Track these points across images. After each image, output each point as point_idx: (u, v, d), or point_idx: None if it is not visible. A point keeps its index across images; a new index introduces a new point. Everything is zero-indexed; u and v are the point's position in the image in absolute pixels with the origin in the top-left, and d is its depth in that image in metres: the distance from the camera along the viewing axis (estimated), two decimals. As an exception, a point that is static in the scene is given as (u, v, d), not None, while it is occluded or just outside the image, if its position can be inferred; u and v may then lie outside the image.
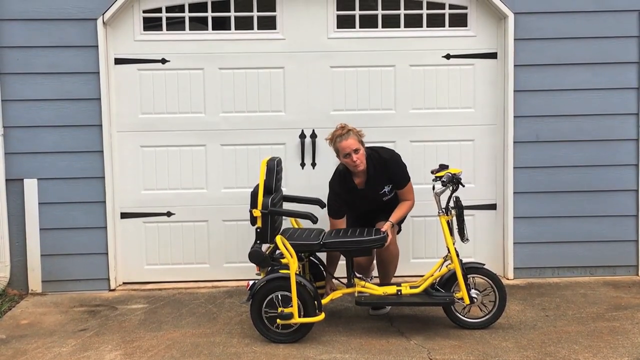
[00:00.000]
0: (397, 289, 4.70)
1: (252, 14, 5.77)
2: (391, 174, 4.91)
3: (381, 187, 4.92)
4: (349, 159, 4.80)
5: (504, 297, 4.76)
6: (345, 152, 4.78)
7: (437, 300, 4.66)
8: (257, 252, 4.56)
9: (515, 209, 5.84)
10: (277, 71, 5.79)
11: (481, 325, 4.75)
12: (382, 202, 4.97)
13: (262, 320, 4.57)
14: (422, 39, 5.81)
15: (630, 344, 4.48)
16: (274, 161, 4.67)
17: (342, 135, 4.80)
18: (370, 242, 4.64)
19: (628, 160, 5.84)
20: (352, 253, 4.71)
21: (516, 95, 5.75)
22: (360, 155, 4.81)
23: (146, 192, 5.84)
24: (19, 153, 5.61)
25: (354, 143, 4.78)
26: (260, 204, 4.54)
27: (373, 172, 4.88)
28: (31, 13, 5.50)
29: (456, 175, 4.67)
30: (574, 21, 5.72)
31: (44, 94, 5.58)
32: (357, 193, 4.93)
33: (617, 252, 5.91)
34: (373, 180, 4.90)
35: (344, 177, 4.93)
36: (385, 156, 4.92)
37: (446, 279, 4.71)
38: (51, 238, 5.67)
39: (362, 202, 4.96)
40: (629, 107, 5.80)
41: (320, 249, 4.67)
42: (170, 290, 5.75)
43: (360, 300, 4.70)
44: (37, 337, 4.78)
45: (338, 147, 4.82)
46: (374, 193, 4.93)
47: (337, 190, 4.93)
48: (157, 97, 5.77)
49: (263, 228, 4.57)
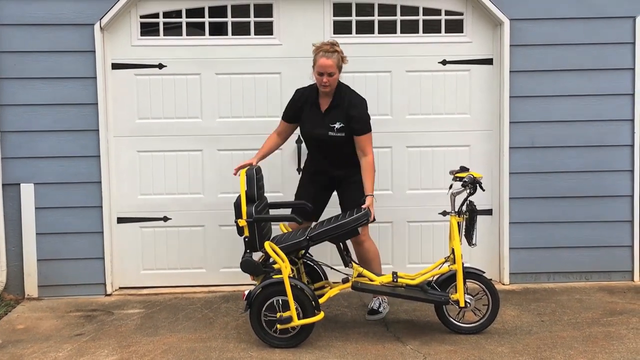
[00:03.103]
0: (394, 273, 4.69)
1: (249, 19, 5.79)
2: (352, 116, 4.85)
3: (334, 121, 4.87)
4: (321, 78, 4.79)
5: (497, 305, 4.77)
6: (320, 71, 4.78)
7: (431, 298, 4.65)
8: (248, 262, 4.56)
9: (511, 214, 5.86)
10: (274, 76, 5.81)
11: (472, 330, 4.76)
12: (327, 139, 4.87)
13: (262, 328, 4.56)
14: (418, 45, 5.84)
15: (626, 349, 4.49)
16: (252, 170, 4.64)
17: (326, 52, 4.78)
18: (355, 221, 4.62)
19: (623, 166, 5.86)
20: (340, 238, 4.68)
21: (512, 101, 5.77)
22: (333, 80, 4.81)
23: (143, 197, 5.85)
24: (16, 158, 5.61)
25: (332, 66, 4.77)
26: (244, 213, 4.53)
27: (336, 103, 4.88)
28: (28, 18, 5.51)
29: (477, 179, 4.64)
30: (569, 28, 5.75)
31: (41, 98, 5.58)
32: (314, 112, 4.91)
33: (612, 258, 5.93)
34: (334, 111, 4.88)
35: (315, 89, 4.95)
36: (357, 99, 4.92)
37: (444, 279, 4.71)
38: (47, 243, 5.67)
39: (312, 127, 4.91)
40: (624, 113, 5.83)
41: (309, 244, 4.65)
42: (167, 295, 5.75)
43: (356, 286, 4.67)
44: (33, 342, 4.77)
45: (318, 61, 4.80)
46: (327, 122, 4.87)
47: (298, 96, 5.02)
48: (154, 102, 5.78)
49: (251, 237, 4.55)
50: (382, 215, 5.92)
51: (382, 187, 5.90)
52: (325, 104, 4.92)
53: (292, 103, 5.04)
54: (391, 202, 5.92)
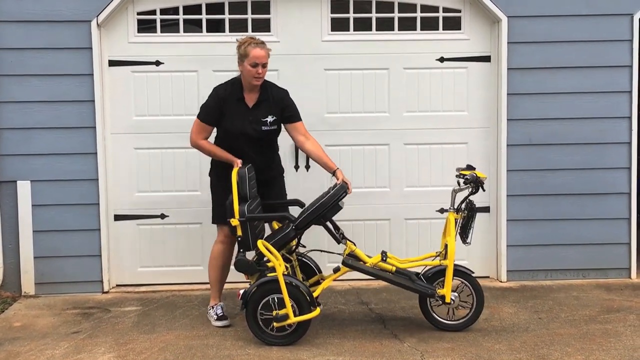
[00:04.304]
0: (383, 252, 4.68)
1: (247, 16, 5.78)
2: (286, 106, 4.83)
3: (266, 115, 4.80)
4: (255, 69, 4.68)
5: (482, 305, 4.78)
6: (256, 62, 4.66)
7: (418, 288, 4.66)
8: (242, 261, 4.55)
9: (509, 211, 5.86)
10: (271, 73, 5.77)
11: (454, 327, 4.77)
12: (260, 134, 4.79)
13: (259, 327, 4.55)
14: (416, 42, 5.83)
15: (623, 347, 4.50)
16: (244, 169, 4.60)
17: (258, 43, 4.71)
18: (335, 196, 4.61)
19: (621, 164, 5.86)
20: (325, 217, 4.64)
21: (509, 98, 5.77)
22: (265, 72, 4.74)
23: (140, 194, 5.84)
24: (12, 155, 5.59)
25: (265, 57, 4.70)
26: (236, 212, 4.51)
27: (265, 97, 4.80)
28: (25, 14, 5.50)
29: (480, 179, 4.65)
30: (567, 25, 5.75)
31: (37, 95, 5.57)
32: (242, 109, 4.77)
33: (609, 255, 5.93)
34: (263, 105, 4.80)
35: (237, 85, 4.81)
36: (281, 89, 4.89)
37: (432, 273, 4.73)
38: (44, 240, 5.66)
39: (243, 123, 4.76)
40: (622, 110, 5.83)
41: (296, 233, 4.64)
42: (164, 292, 5.74)
43: (347, 262, 4.64)
44: (30, 339, 4.76)
45: (250, 52, 4.66)
46: (259, 117, 4.78)
47: (222, 94, 4.78)
48: (151, 99, 5.77)
49: (244, 236, 4.54)
50: (379, 213, 5.93)
51: (380, 184, 5.91)
52: (253, 99, 4.81)
53: (218, 103, 4.78)
54: (389, 200, 5.92)
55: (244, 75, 4.77)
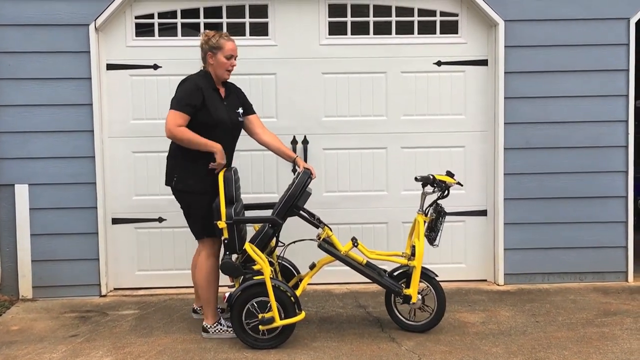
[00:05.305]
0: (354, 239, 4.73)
1: (244, 20, 5.79)
2: (244, 99, 4.88)
3: (237, 107, 4.82)
4: (230, 61, 4.68)
5: (443, 308, 4.80)
6: (231, 54, 4.67)
7: (386, 283, 4.71)
8: (228, 263, 4.56)
9: (506, 215, 5.87)
10: (269, 77, 5.81)
11: (416, 328, 4.82)
12: (238, 124, 4.79)
13: (243, 330, 4.56)
14: (413, 46, 5.85)
15: (620, 350, 4.51)
16: (230, 171, 4.62)
17: (229, 36, 4.70)
18: (301, 184, 4.64)
19: (618, 167, 5.88)
20: (297, 207, 4.66)
21: (506, 102, 5.78)
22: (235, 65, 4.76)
23: (138, 198, 5.84)
24: (10, 158, 5.60)
25: (237, 50, 4.73)
26: (223, 215, 4.53)
27: (229, 92, 4.81)
28: (24, 18, 5.50)
29: (446, 183, 4.73)
30: (564, 29, 5.77)
31: (35, 99, 5.57)
32: (218, 100, 4.70)
33: (606, 258, 5.94)
34: (231, 97, 4.81)
35: (209, 77, 4.71)
36: (237, 86, 4.92)
37: (399, 273, 4.79)
38: (42, 244, 5.66)
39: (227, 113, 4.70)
40: (619, 114, 5.84)
41: (276, 224, 4.63)
42: (162, 296, 5.74)
43: (322, 246, 4.68)
44: (28, 343, 4.76)
45: (225, 45, 4.64)
46: (232, 108, 4.77)
47: (200, 84, 4.62)
48: (148, 103, 5.78)
49: (230, 238, 4.55)
50: (377, 216, 5.94)
51: (377, 187, 5.92)
52: (222, 92, 4.80)
53: (197, 92, 4.59)
54: (386, 203, 5.93)
55: (214, 68, 4.70)
